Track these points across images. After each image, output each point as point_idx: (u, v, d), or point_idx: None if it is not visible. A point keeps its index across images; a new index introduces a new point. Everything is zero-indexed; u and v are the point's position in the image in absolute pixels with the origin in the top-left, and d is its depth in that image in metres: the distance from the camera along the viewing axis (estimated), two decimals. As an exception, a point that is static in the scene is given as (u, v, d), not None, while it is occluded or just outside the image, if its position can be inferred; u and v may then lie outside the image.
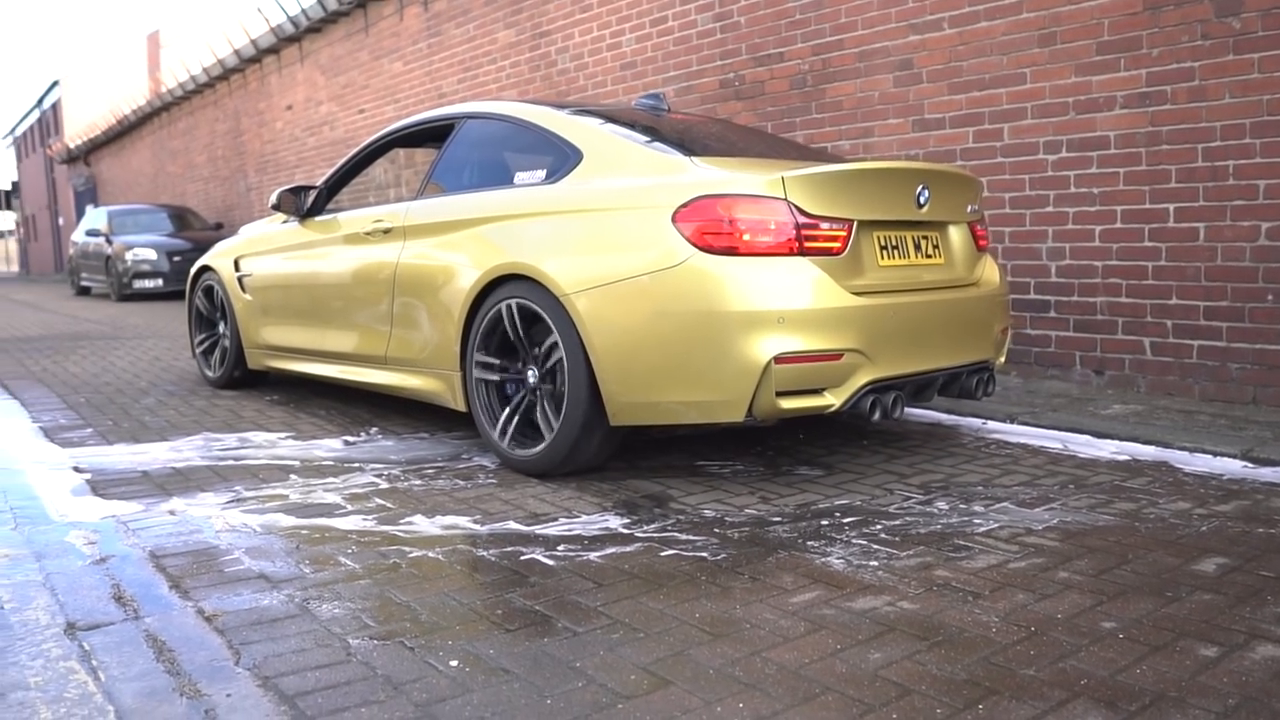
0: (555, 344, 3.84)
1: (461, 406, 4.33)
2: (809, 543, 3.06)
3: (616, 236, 3.73)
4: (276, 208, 5.72)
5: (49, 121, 38.25)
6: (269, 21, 14.10)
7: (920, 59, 6.26)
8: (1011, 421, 4.87)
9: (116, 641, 2.41)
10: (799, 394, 3.54)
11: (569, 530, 3.23)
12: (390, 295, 4.74)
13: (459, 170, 4.86)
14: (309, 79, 13.93)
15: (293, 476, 4.00)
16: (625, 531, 3.20)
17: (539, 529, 3.24)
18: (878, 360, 3.65)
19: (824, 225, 3.61)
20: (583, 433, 3.77)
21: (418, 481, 3.87)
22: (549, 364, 3.91)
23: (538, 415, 3.98)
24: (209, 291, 6.46)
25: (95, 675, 2.23)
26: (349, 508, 3.53)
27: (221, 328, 6.37)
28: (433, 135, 5.28)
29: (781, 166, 3.73)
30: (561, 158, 4.16)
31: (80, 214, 27.51)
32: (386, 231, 4.86)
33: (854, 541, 3.06)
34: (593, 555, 2.97)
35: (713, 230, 3.51)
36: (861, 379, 3.61)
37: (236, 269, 6.17)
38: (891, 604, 2.55)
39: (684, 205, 3.57)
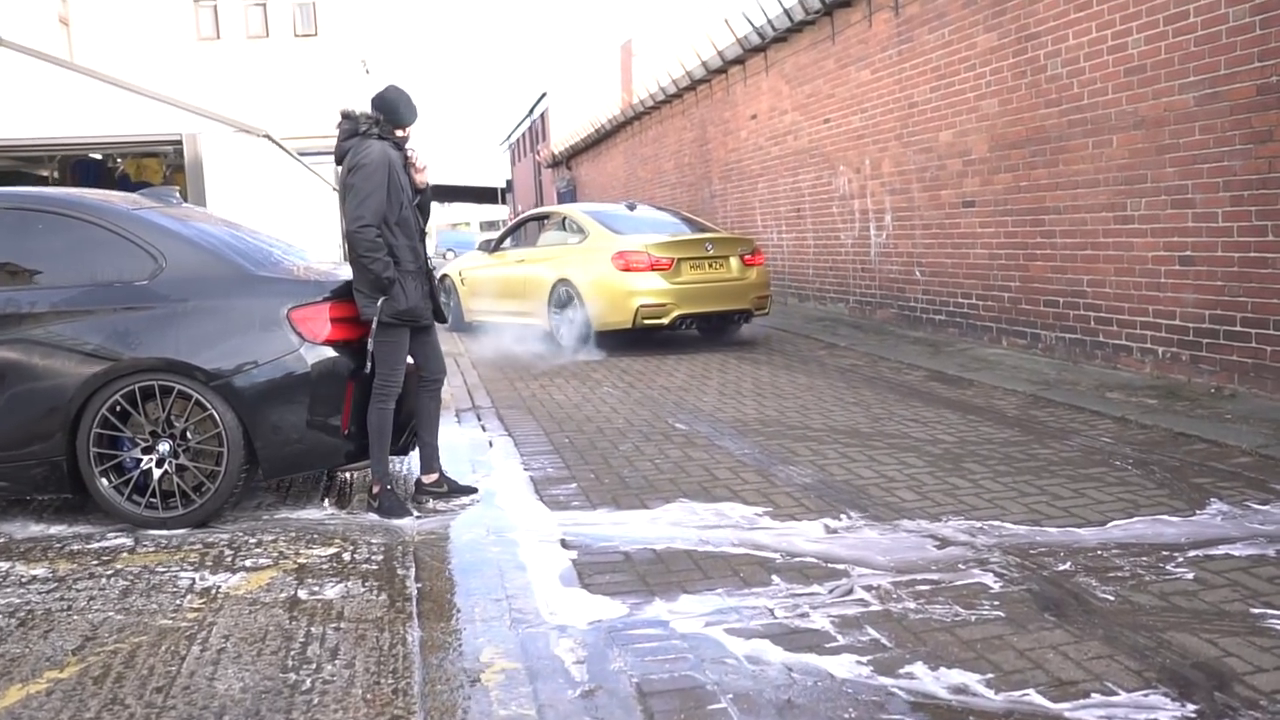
0: (576, 302, 10.11)
1: (549, 328, 10.63)
2: None
3: (595, 264, 10.05)
4: (479, 248, 13.14)
5: (538, 129, 42.34)
6: (735, 33, 14.24)
7: None
8: None
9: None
10: (651, 318, 9.77)
11: (1109, 716, 2.65)
12: (522, 285, 11.13)
13: (549, 234, 11.76)
14: (773, 88, 13.92)
15: (775, 579, 3.74)
16: (1186, 734, 2.57)
17: (1070, 710, 2.69)
18: (681, 306, 9.84)
19: (663, 259, 9.85)
20: (582, 339, 10.03)
21: (911, 604, 3.45)
22: (574, 312, 10.13)
23: (570, 329, 10.18)
24: (445, 284, 12.74)
25: None
26: (839, 639, 3.19)
27: (451, 303, 12.56)
28: (541, 218, 12.68)
29: (655, 238, 10.17)
30: (582, 233, 10.70)
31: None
32: (520, 261, 11.44)
33: None
34: (1150, 775, 2.38)
35: (621, 262, 9.86)
36: (674, 313, 9.82)
37: (459, 275, 12.74)
38: None
39: (614, 253, 9.94)
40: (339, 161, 5.00)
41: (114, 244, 4.81)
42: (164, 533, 4.63)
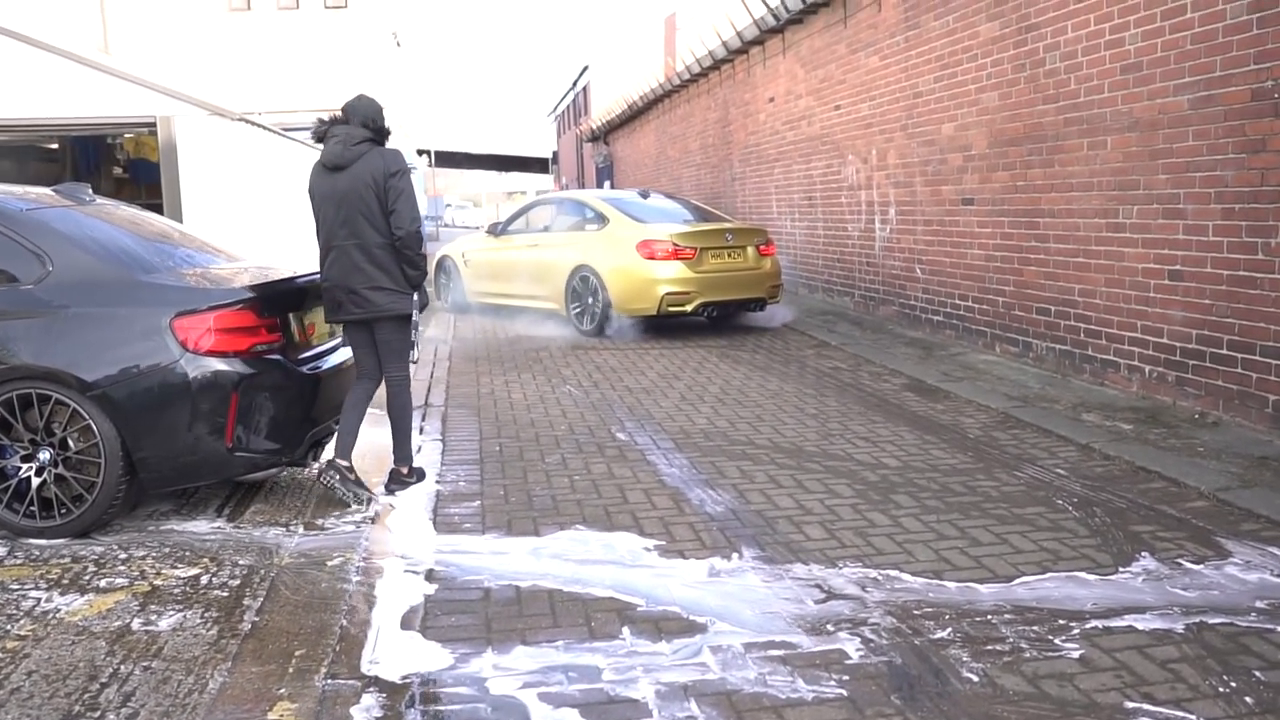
0: (597, 289, 10.39)
1: (564, 313, 10.87)
2: None
3: (618, 252, 10.29)
4: (486, 231, 12.94)
5: (580, 103, 41.90)
6: (752, 13, 13.79)
7: None
8: None
9: None
10: (675, 306, 10.03)
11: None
12: (537, 269, 11.29)
13: (563, 220, 11.67)
14: (790, 71, 13.43)
15: (625, 632, 3.47)
16: None
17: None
18: (704, 294, 10.11)
19: (686, 249, 10.06)
20: (604, 319, 10.32)
21: (753, 673, 3.15)
22: (594, 296, 10.44)
23: (587, 315, 10.52)
24: (446, 265, 13.31)
25: None
26: (654, 715, 2.91)
27: (453, 284, 13.11)
28: (555, 202, 12.44)
29: (677, 228, 10.38)
30: (603, 220, 10.84)
31: (599, 187, 29.78)
32: (533, 245, 11.54)
33: None
34: None
35: (645, 251, 10.09)
36: (697, 300, 10.09)
37: (462, 256, 12.89)
38: None
39: (637, 242, 10.17)
40: (337, 168, 4.96)
41: (2, 246, 4.65)
42: (42, 542, 4.50)
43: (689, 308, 10.09)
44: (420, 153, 34.12)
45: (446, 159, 43.71)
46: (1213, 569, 3.98)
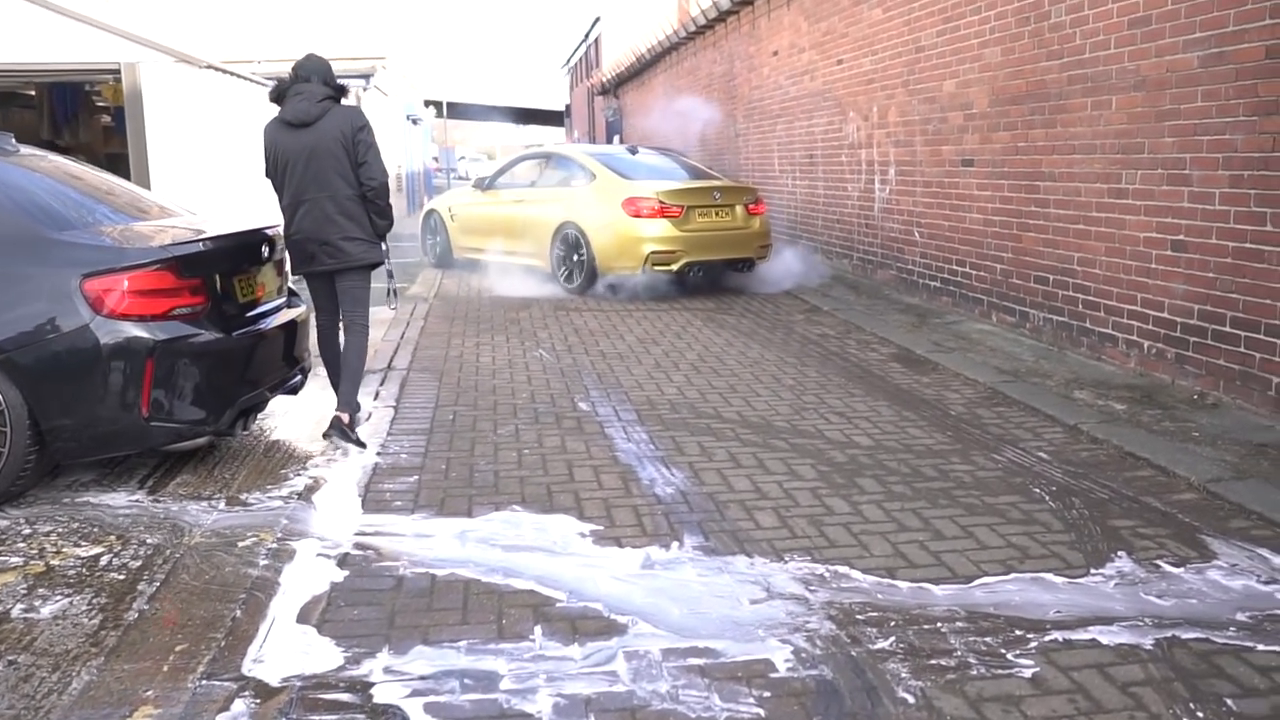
0: (582, 245, 10.14)
1: (549, 270, 10.61)
2: None
3: (602, 209, 10.07)
4: (473, 185, 12.60)
5: (592, 55, 41.15)
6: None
7: None
8: None
9: None
10: (661, 265, 9.80)
11: None
12: (523, 225, 10.96)
13: (550, 175, 11.28)
14: (794, 24, 12.93)
15: (537, 631, 3.18)
16: None
17: None
18: (691, 254, 9.90)
19: (672, 207, 9.85)
20: (590, 277, 10.10)
21: (665, 686, 2.84)
22: (579, 254, 10.17)
23: (572, 273, 10.29)
24: (432, 220, 12.93)
25: None
26: (547, 735, 2.63)
27: (439, 239, 12.71)
28: (542, 157, 12.03)
29: (664, 185, 10.14)
30: (590, 176, 10.56)
31: (609, 142, 29.28)
32: (519, 200, 11.24)
33: None
34: None
35: (630, 209, 9.86)
36: (683, 259, 9.87)
37: (449, 210, 12.51)
38: None
39: (623, 199, 9.94)
40: (302, 124, 5.07)
41: (-96, 198, 4.34)
42: (-54, 513, 4.25)
43: (674, 267, 9.85)
44: (428, 104, 33.58)
45: (459, 111, 43.11)
46: (1194, 573, 3.64)
